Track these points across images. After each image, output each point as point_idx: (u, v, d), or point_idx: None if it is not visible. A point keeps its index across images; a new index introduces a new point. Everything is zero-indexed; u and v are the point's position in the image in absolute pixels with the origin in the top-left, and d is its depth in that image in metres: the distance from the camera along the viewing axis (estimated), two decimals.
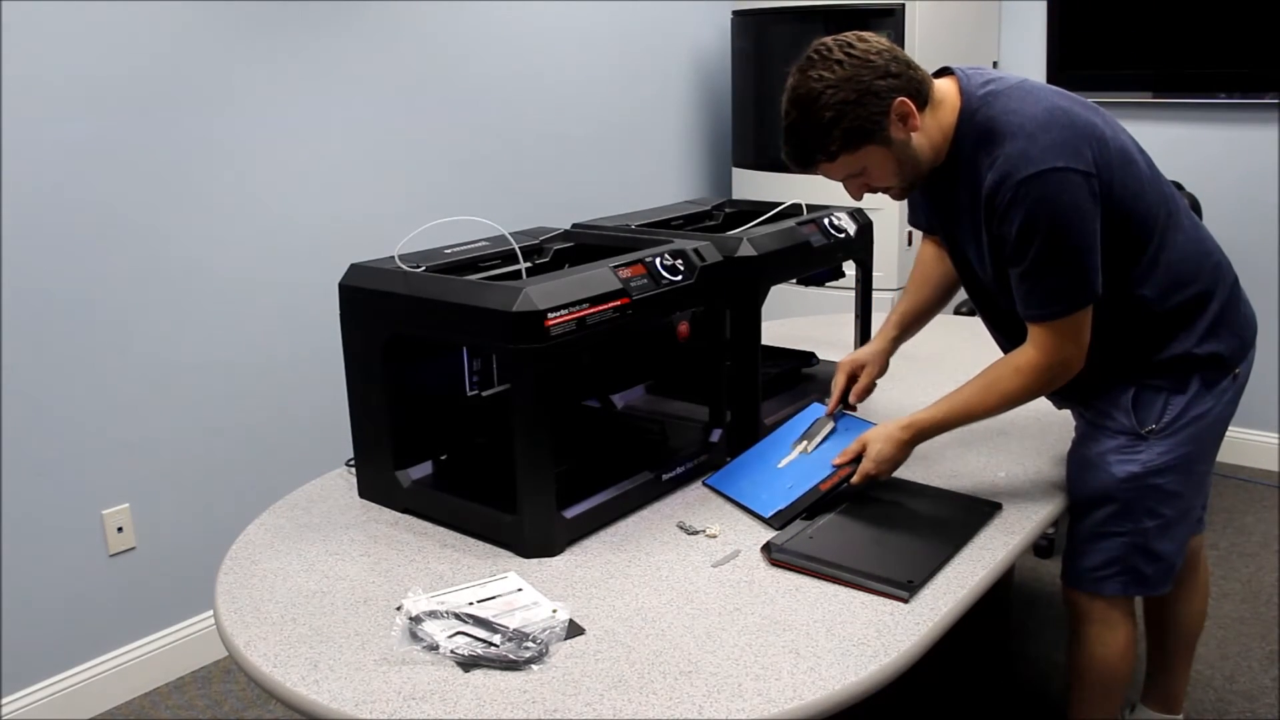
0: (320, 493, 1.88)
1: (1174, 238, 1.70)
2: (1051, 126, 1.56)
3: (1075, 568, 1.85)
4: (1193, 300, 1.71)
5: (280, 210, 2.82)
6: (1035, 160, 1.54)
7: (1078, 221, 1.56)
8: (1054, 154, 1.54)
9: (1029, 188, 1.54)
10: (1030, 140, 1.55)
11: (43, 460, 2.47)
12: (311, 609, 1.48)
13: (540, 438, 1.56)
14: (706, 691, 1.27)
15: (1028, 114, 1.57)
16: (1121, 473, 1.74)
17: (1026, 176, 1.54)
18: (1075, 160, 1.55)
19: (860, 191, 1.71)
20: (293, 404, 2.90)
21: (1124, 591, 1.81)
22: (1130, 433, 1.75)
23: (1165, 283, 1.69)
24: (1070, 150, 1.55)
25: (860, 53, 1.58)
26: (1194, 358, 1.72)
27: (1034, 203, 1.54)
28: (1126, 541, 1.77)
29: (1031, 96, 1.61)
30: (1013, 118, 1.58)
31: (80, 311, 2.48)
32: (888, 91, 1.58)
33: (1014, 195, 1.55)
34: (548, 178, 3.54)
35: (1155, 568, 1.79)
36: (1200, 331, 1.72)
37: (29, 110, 2.34)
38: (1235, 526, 3.37)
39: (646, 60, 3.83)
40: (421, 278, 1.66)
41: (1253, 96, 3.51)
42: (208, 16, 2.60)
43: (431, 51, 3.11)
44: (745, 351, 1.94)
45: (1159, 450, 1.73)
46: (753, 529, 1.69)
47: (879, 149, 1.62)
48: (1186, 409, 1.73)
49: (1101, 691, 1.89)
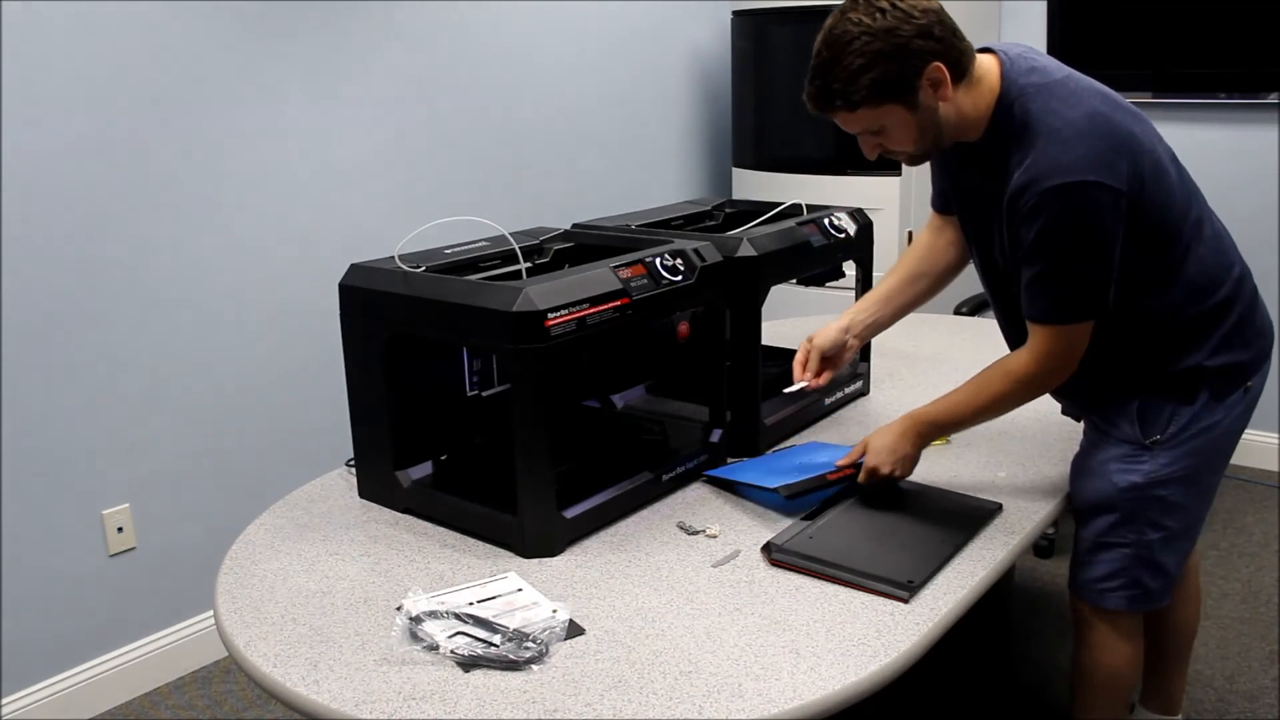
0: (320, 493, 1.88)
1: (1197, 250, 1.66)
2: (1089, 136, 1.50)
3: (1080, 578, 1.83)
4: (1210, 312, 1.68)
5: (280, 210, 2.82)
6: (1066, 170, 1.49)
7: (1098, 238, 1.52)
8: (1086, 167, 1.49)
9: (1055, 198, 1.50)
10: (1065, 147, 1.50)
11: (43, 460, 2.47)
12: (311, 609, 1.48)
13: (540, 438, 1.56)
14: (706, 691, 1.27)
15: (1067, 118, 1.52)
16: (1123, 482, 1.72)
17: (1054, 186, 1.49)
18: (1107, 175, 1.50)
19: (874, 151, 1.66)
20: (293, 404, 2.90)
21: (1128, 607, 1.79)
22: (1134, 442, 1.72)
23: (1184, 295, 1.66)
24: (1104, 165, 1.50)
25: (906, 7, 1.51)
26: (1205, 370, 1.68)
27: (1057, 213, 1.50)
28: (1130, 553, 1.75)
29: (1075, 98, 1.54)
30: (1052, 119, 1.52)
31: (80, 311, 2.48)
32: (925, 53, 1.52)
33: (1038, 202, 1.51)
34: (548, 178, 3.54)
35: (1159, 581, 1.78)
36: (1214, 344, 1.68)
37: (29, 110, 2.34)
38: (1235, 526, 3.37)
39: (646, 60, 3.83)
40: (421, 278, 1.66)
41: (1253, 96, 3.52)
42: (208, 16, 2.60)
43: (431, 51, 3.11)
44: (745, 351, 1.94)
45: (1162, 461, 1.71)
46: (753, 529, 1.69)
47: (903, 110, 1.56)
48: (1193, 421, 1.70)
49: (1105, 697, 1.88)
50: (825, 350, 1.95)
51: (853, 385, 2.25)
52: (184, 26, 2.56)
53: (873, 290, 2.02)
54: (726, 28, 4.02)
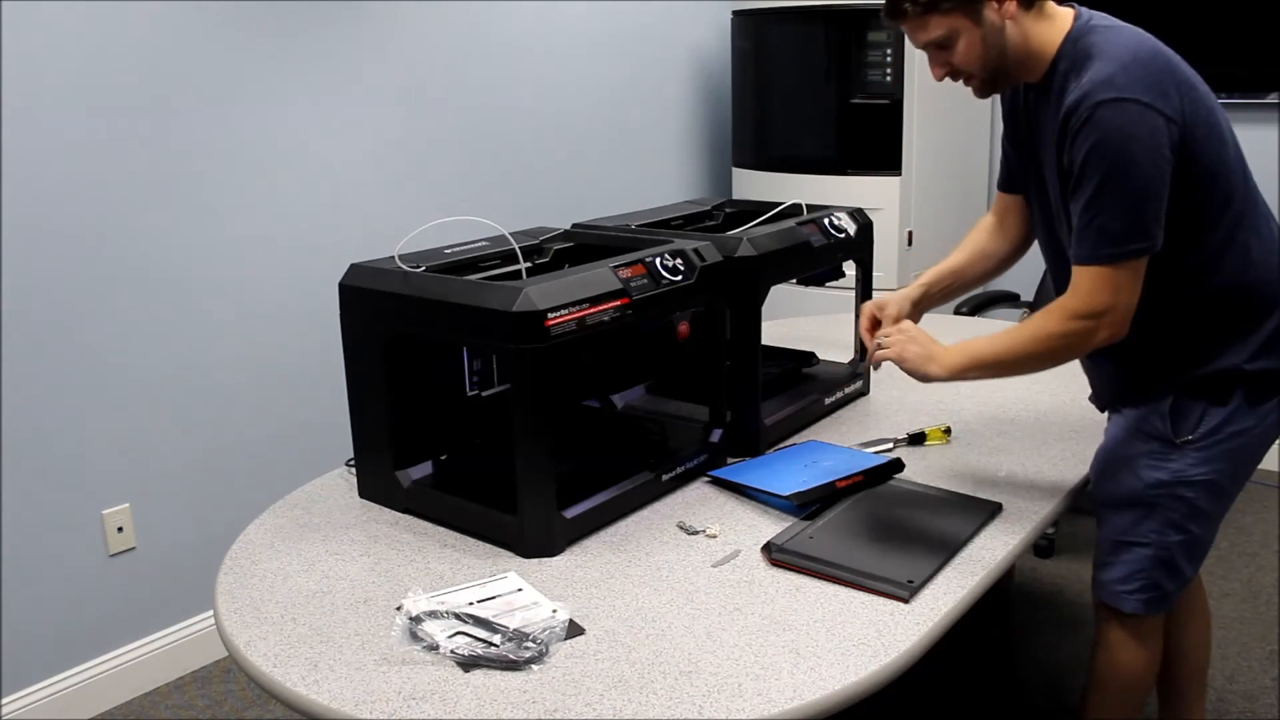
0: (320, 493, 1.88)
1: (1246, 238, 1.64)
2: (1148, 64, 1.52)
3: (1100, 578, 1.82)
4: (1254, 311, 1.65)
5: (280, 210, 2.82)
6: (1119, 87, 1.50)
7: (1147, 161, 1.51)
8: (1139, 87, 1.50)
9: (1106, 112, 1.50)
10: (1121, 68, 1.51)
11: (43, 460, 2.47)
12: (311, 609, 1.48)
13: (540, 438, 1.56)
14: (706, 691, 1.27)
15: (1128, 46, 1.54)
16: (1150, 478, 1.70)
17: (1105, 100, 1.50)
18: (1160, 100, 1.50)
19: (943, 71, 1.67)
20: (293, 404, 2.90)
21: (1144, 610, 1.77)
22: (1164, 439, 1.70)
23: (1227, 282, 1.63)
24: (1158, 89, 1.51)
25: None
26: (1243, 373, 1.66)
27: (1107, 130, 1.50)
28: (1150, 554, 1.74)
29: (1139, 37, 1.57)
30: (1112, 47, 1.55)
31: (80, 311, 2.48)
32: None
33: (1090, 116, 1.51)
34: (548, 178, 3.54)
35: (1175, 584, 1.76)
36: (1254, 347, 1.65)
37: (29, 110, 2.34)
38: (1235, 526, 3.37)
39: (646, 60, 3.83)
40: (421, 278, 1.66)
41: (1253, 96, 3.52)
42: (208, 16, 2.60)
43: (431, 51, 3.11)
44: (745, 351, 1.94)
45: (1190, 462, 1.68)
46: (753, 529, 1.69)
47: (969, 23, 1.59)
48: (1225, 423, 1.67)
49: (1121, 700, 1.86)
50: (897, 319, 1.87)
51: (853, 385, 2.25)
52: (184, 26, 2.56)
53: (941, 265, 1.98)
54: (726, 28, 4.02)
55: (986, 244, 1.97)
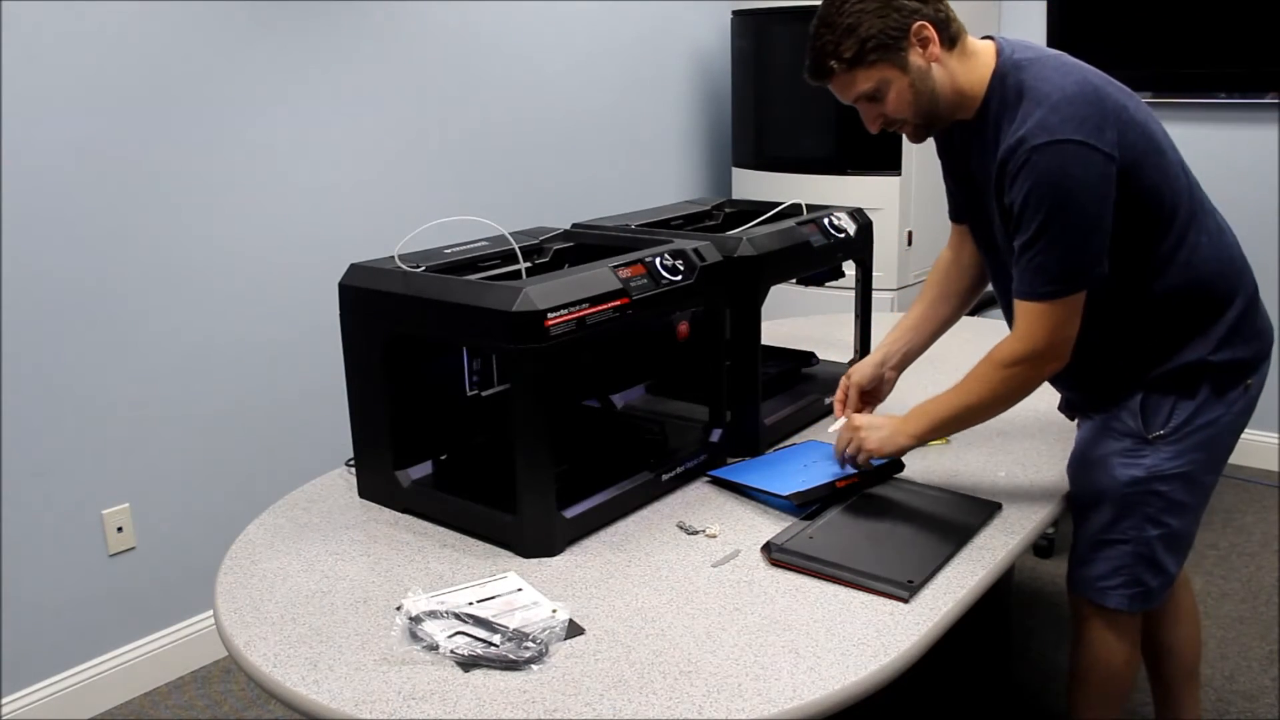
0: (320, 493, 1.88)
1: (1196, 239, 1.66)
2: (1078, 100, 1.53)
3: (1080, 575, 1.83)
4: (1213, 305, 1.68)
5: (280, 210, 2.82)
6: (1053, 129, 1.51)
7: (1085, 199, 1.52)
8: (1071, 127, 1.51)
9: (1041, 156, 1.51)
10: (1053, 110, 1.53)
11: (43, 460, 2.47)
12: (311, 609, 1.48)
13: (540, 438, 1.56)
14: (706, 691, 1.27)
15: (1057, 84, 1.55)
16: (1124, 476, 1.72)
17: (1041, 144, 1.51)
18: (1095, 138, 1.52)
19: (877, 122, 1.69)
20: (293, 404, 2.90)
21: (1128, 606, 1.78)
22: (1136, 436, 1.72)
23: (1182, 282, 1.66)
24: (1091, 127, 1.52)
25: None
26: (1208, 365, 1.68)
27: (1043, 172, 1.52)
28: (1130, 550, 1.75)
29: (1065, 69, 1.59)
30: (1042, 85, 1.56)
31: (80, 311, 2.48)
32: (910, 12, 1.59)
33: (1026, 160, 1.53)
34: (548, 178, 3.54)
35: (1159, 580, 1.77)
36: (1217, 338, 1.68)
37: (29, 110, 2.34)
38: (1235, 526, 3.37)
39: (646, 60, 3.83)
40: (421, 278, 1.66)
41: (1253, 96, 3.52)
42: (208, 16, 2.60)
43: (431, 51, 3.11)
44: (745, 351, 1.94)
45: (1164, 456, 1.70)
46: (753, 529, 1.69)
47: (896, 71, 1.61)
48: (1195, 415, 1.69)
49: (1104, 695, 1.87)
50: (864, 385, 1.96)
51: None
52: (184, 26, 2.56)
53: (903, 319, 2.02)
54: (726, 28, 4.02)
55: (947, 284, 2.00)
